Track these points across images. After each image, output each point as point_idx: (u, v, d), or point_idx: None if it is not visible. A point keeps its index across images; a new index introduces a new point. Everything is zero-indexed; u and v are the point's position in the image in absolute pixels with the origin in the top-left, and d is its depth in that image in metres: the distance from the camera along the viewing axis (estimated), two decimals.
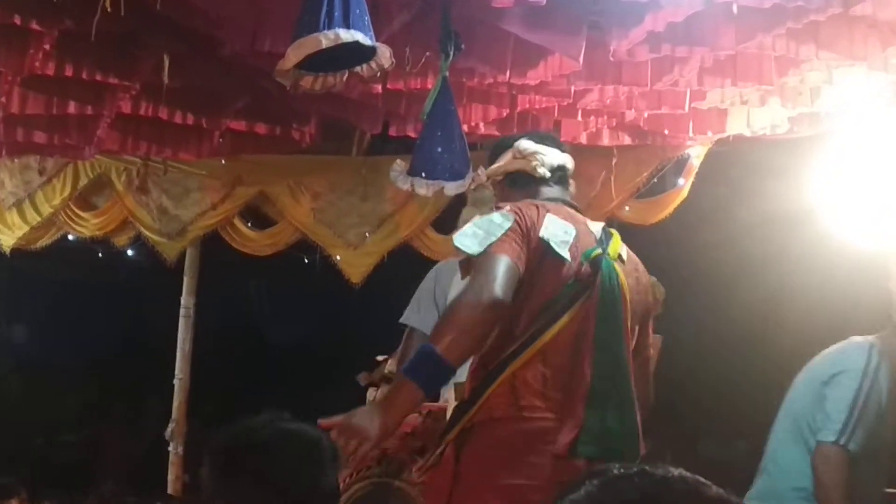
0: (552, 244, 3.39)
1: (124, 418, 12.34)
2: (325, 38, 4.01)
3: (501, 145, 3.92)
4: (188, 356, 7.95)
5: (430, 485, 3.47)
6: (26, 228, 8.02)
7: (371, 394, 5.06)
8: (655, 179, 7.22)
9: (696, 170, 7.04)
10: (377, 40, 4.18)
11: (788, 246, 7.36)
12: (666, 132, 6.44)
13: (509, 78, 5.23)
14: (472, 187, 4.17)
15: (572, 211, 3.63)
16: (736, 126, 6.17)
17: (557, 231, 3.44)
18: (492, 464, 3.32)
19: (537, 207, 3.49)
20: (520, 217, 3.41)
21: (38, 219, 7.98)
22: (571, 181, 3.84)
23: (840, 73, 5.46)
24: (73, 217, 7.99)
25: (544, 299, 3.39)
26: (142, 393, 11.77)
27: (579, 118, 6.21)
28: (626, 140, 6.66)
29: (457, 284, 4.00)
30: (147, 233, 7.92)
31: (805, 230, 6.62)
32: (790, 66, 5.37)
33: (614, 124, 6.42)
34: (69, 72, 5.61)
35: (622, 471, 1.63)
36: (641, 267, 3.70)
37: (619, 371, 3.39)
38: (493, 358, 3.39)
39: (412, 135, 6.31)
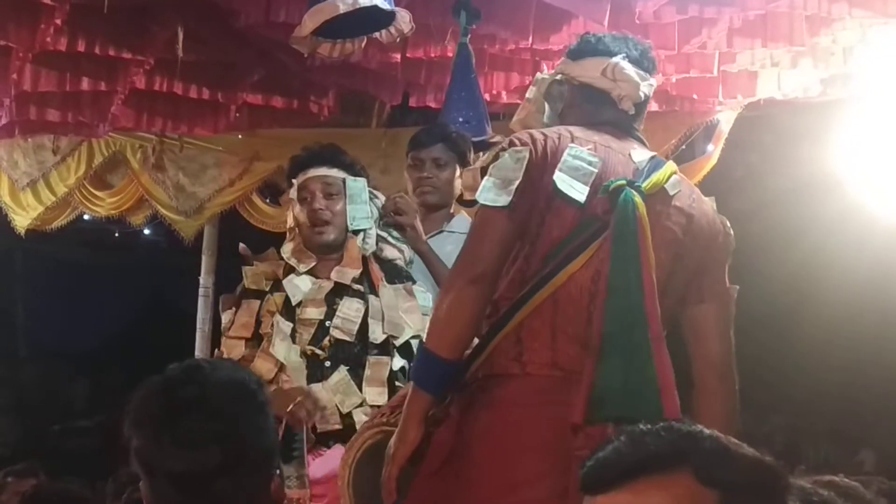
0: (560, 185, 3.05)
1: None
2: (343, 4, 3.96)
3: (594, 47, 3.36)
4: (208, 337, 7.87)
5: (435, 437, 3.19)
6: (41, 209, 7.95)
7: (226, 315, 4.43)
8: (684, 146, 7.09)
9: (726, 136, 6.90)
10: (396, 5, 4.10)
11: (821, 213, 7.27)
12: (694, 97, 6.35)
13: (532, 43, 5.16)
14: (554, 78, 3.46)
15: (612, 137, 3.24)
16: (766, 89, 6.05)
17: (577, 164, 3.10)
18: (492, 425, 3.08)
19: (560, 136, 3.16)
20: (535, 150, 3.10)
21: (53, 199, 7.90)
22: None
23: (874, 32, 5.38)
24: (88, 196, 7.93)
25: (554, 240, 3.08)
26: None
27: None
28: (654, 106, 6.44)
29: None
30: (163, 211, 7.85)
31: (838, 197, 6.52)
32: (822, 26, 5.28)
33: None
34: (82, 47, 5.58)
35: (649, 426, 1.64)
36: (704, 206, 3.29)
37: (636, 318, 3.01)
38: (502, 305, 3.12)
39: (433, 105, 6.23)
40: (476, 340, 3.16)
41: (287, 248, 4.36)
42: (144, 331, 12.54)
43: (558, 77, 3.41)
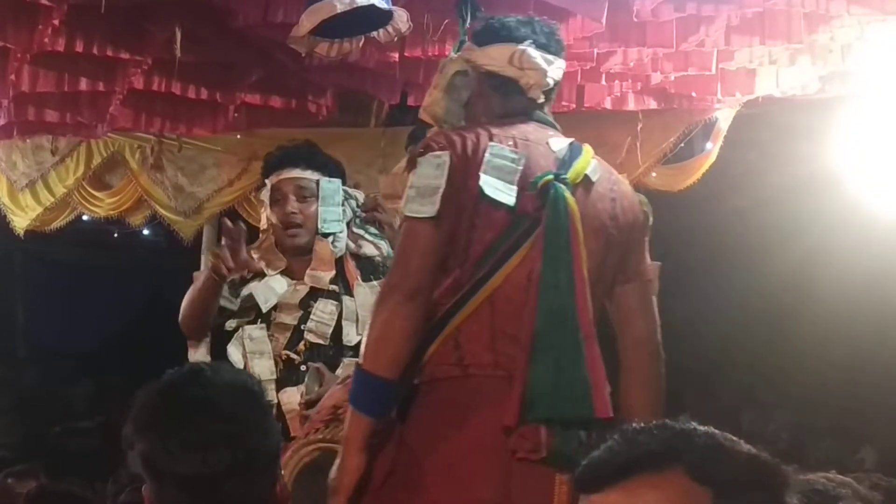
0: (487, 190, 3.00)
1: None
2: (341, 3, 3.95)
3: (498, 33, 3.28)
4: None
5: (375, 449, 3.09)
6: (40, 210, 7.95)
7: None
8: (683, 144, 7.10)
9: (725, 133, 6.90)
10: (394, 4, 4.09)
11: (821, 211, 7.28)
12: (693, 95, 6.34)
13: None
14: (451, 72, 3.39)
15: (532, 128, 3.20)
16: (765, 87, 6.04)
17: (500, 162, 3.04)
18: (434, 430, 3.02)
19: (478, 136, 3.09)
20: (455, 154, 3.03)
21: (52, 199, 7.90)
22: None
23: (872, 29, 5.35)
24: (87, 197, 7.93)
25: (486, 242, 3.02)
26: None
27: (603, 82, 6.10)
28: (652, 104, 6.54)
29: None
30: (162, 211, 7.85)
31: (838, 194, 6.52)
32: (820, 23, 5.27)
33: (639, 88, 6.32)
34: (79, 47, 5.53)
35: (643, 425, 1.64)
36: (623, 187, 3.31)
37: (566, 315, 2.98)
38: (437, 311, 3.04)
39: None
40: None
41: (255, 252, 4.33)
42: (144, 331, 12.52)
43: (463, 67, 3.33)
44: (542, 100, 3.27)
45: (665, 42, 5.21)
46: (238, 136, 7.60)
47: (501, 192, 3.03)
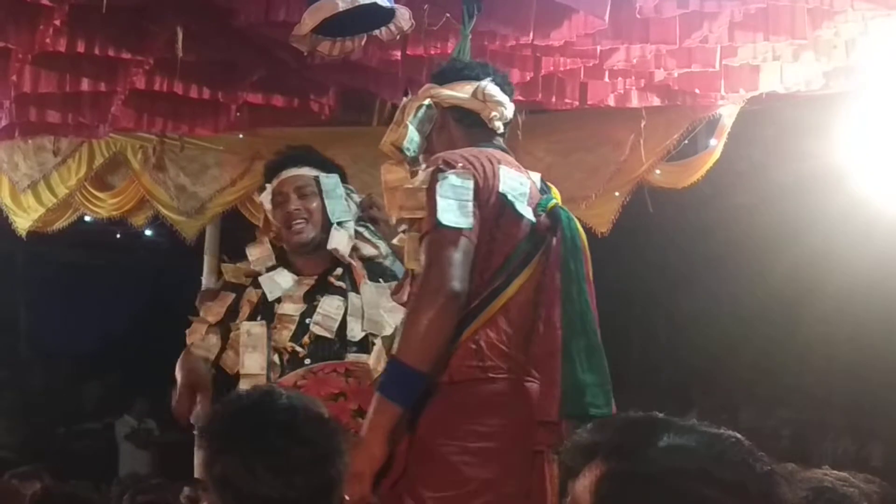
0: (513, 202, 3.35)
1: (146, 403, 12.28)
2: (343, 1, 3.95)
3: (460, 72, 3.69)
4: None
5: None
6: (42, 210, 7.93)
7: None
8: (686, 141, 7.06)
9: (729, 130, 6.86)
10: (396, 2, 4.09)
11: (825, 207, 7.26)
12: (696, 91, 6.32)
13: (532, 39, 5.15)
14: (415, 107, 3.68)
15: (511, 158, 3.56)
16: (769, 83, 6.03)
17: (514, 184, 3.39)
18: (453, 429, 3.26)
19: (489, 159, 3.41)
20: (477, 174, 3.33)
21: (54, 200, 7.87)
22: None
23: (876, 25, 5.34)
24: (89, 197, 7.90)
25: (504, 255, 3.34)
26: (164, 377, 11.74)
27: (606, 79, 6.08)
28: (656, 101, 6.52)
29: None
30: (165, 211, 7.82)
31: (842, 190, 6.51)
32: (824, 18, 5.26)
33: (643, 85, 6.30)
34: (81, 48, 5.52)
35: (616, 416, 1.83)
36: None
37: (587, 322, 3.35)
38: None
39: None
40: None
41: (254, 252, 4.41)
42: (146, 332, 12.54)
43: (427, 101, 3.62)
44: (501, 131, 3.61)
45: (668, 39, 5.20)
46: (240, 136, 7.58)
47: (526, 210, 3.37)
